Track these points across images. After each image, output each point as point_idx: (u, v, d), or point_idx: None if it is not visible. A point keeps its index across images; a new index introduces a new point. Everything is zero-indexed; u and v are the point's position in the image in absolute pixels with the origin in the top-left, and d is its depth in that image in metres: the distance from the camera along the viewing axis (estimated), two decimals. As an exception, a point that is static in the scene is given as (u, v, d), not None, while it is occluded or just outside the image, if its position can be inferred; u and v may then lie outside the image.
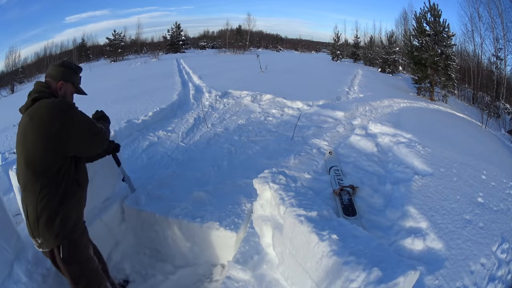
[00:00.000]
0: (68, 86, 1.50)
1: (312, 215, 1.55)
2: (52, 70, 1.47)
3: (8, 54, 26.18)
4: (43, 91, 1.40)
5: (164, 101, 5.49)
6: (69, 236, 1.41)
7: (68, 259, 1.41)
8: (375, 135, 4.08)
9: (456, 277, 1.81)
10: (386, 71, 16.67)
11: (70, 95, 1.53)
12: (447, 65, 10.32)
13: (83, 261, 1.48)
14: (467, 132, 6.00)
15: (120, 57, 26.24)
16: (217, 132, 4.19)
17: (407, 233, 2.11)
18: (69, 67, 1.51)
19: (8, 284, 1.64)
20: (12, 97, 16.19)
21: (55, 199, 1.36)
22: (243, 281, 1.70)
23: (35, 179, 1.34)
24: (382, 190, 2.74)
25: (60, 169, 1.37)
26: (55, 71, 1.47)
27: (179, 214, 2.26)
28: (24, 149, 1.34)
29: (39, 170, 1.33)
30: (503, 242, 2.22)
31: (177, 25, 29.99)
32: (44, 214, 1.34)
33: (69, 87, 1.51)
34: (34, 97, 1.37)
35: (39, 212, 1.34)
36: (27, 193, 1.36)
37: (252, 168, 3.05)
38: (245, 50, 26.83)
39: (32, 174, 1.34)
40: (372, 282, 1.17)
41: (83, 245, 1.49)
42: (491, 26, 14.11)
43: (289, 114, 5.12)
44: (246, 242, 1.97)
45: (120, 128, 3.90)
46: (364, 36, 26.50)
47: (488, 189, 3.01)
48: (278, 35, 51.62)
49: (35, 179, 1.34)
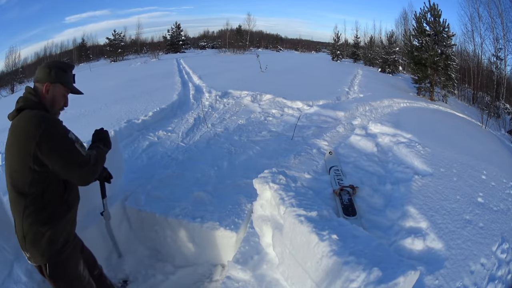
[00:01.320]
0: (57, 87, 1.34)
1: (312, 215, 1.55)
2: (38, 73, 1.34)
3: (8, 54, 26.20)
4: (29, 100, 1.28)
5: (164, 101, 5.48)
6: (57, 256, 1.32)
7: (55, 276, 1.34)
8: (375, 135, 4.08)
9: (456, 277, 1.81)
10: (386, 71, 16.67)
11: (61, 98, 1.37)
12: (447, 65, 10.33)
13: (72, 279, 1.40)
14: (467, 132, 6.00)
15: (120, 57, 26.26)
16: (217, 132, 4.19)
17: (407, 233, 2.11)
18: (55, 66, 1.36)
19: (8, 284, 1.64)
20: (12, 97, 16.18)
21: (40, 220, 1.25)
22: (243, 281, 1.70)
23: (18, 197, 1.24)
24: (382, 190, 2.74)
25: (45, 191, 1.24)
26: (41, 73, 1.33)
27: (179, 214, 2.26)
28: (7, 162, 1.25)
29: (21, 189, 1.22)
30: (503, 242, 2.22)
31: (177, 25, 30.03)
32: (30, 234, 1.26)
33: (58, 88, 1.35)
34: (18, 107, 1.26)
35: (25, 231, 1.25)
36: (13, 208, 1.27)
37: (252, 168, 3.05)
38: (245, 50, 26.84)
39: (15, 192, 1.24)
40: (372, 282, 1.17)
41: (73, 262, 1.40)
42: (491, 26, 14.13)
43: (289, 114, 5.12)
44: (246, 242, 1.97)
45: (120, 128, 3.90)
46: (364, 36, 26.57)
47: (488, 189, 3.01)
48: (278, 35, 51.73)
49: (18, 197, 1.24)
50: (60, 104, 1.37)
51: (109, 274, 2.07)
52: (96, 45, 34.39)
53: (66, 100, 1.41)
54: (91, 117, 5.04)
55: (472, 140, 5.31)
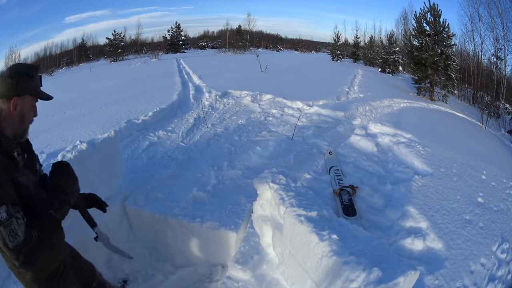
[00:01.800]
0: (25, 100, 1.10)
1: (312, 215, 1.55)
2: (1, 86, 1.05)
3: (8, 54, 26.31)
4: None
5: (164, 101, 5.48)
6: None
7: None
8: (375, 135, 4.08)
9: (456, 277, 1.81)
10: (386, 71, 16.66)
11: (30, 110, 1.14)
12: (447, 65, 10.33)
13: None
14: (467, 132, 6.01)
15: (120, 57, 26.25)
16: (217, 132, 4.19)
17: (407, 233, 2.11)
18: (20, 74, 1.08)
19: (8, 285, 1.64)
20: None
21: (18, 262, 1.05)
22: (243, 281, 1.70)
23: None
24: (382, 190, 2.74)
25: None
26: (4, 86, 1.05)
27: (179, 214, 2.26)
28: None
29: None
30: (503, 242, 2.22)
31: (177, 25, 30.02)
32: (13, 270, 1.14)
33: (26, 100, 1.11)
34: None
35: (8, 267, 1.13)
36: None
37: (252, 168, 3.05)
38: (245, 50, 26.82)
39: None
40: (372, 282, 1.17)
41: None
42: (491, 26, 14.14)
43: (289, 114, 5.12)
44: (246, 242, 1.97)
45: (120, 128, 3.90)
46: (364, 36, 26.51)
47: (488, 189, 3.01)
48: (278, 35, 51.66)
49: None
50: (30, 117, 1.15)
51: (109, 275, 2.08)
52: (96, 45, 34.39)
53: (35, 110, 1.17)
54: (91, 117, 5.05)
55: (472, 140, 5.32)
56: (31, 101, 1.13)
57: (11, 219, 0.98)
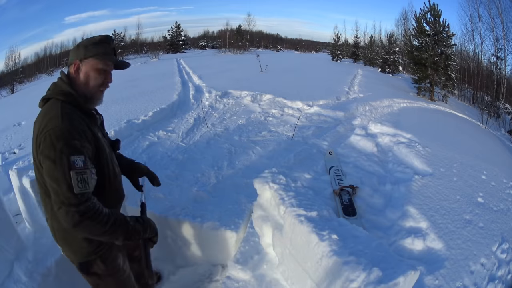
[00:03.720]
0: (89, 64, 1.13)
1: (312, 215, 1.55)
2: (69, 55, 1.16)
3: (8, 54, 26.25)
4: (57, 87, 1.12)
5: (164, 101, 5.48)
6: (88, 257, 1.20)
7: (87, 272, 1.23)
8: (375, 135, 4.08)
9: (456, 277, 1.80)
10: (386, 71, 16.67)
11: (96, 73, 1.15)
12: (447, 65, 10.34)
13: (106, 275, 1.26)
14: (467, 132, 6.01)
15: (120, 57, 26.15)
16: (217, 132, 4.19)
17: (407, 233, 2.11)
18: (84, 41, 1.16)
19: (8, 284, 1.64)
20: (12, 97, 16.20)
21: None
22: (243, 281, 1.70)
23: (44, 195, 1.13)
24: (382, 190, 2.74)
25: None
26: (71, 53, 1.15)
27: (179, 214, 2.26)
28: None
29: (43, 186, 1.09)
30: (503, 242, 2.22)
31: (177, 25, 30.03)
32: (58, 233, 1.17)
33: (91, 65, 1.13)
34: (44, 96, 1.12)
35: (55, 229, 1.17)
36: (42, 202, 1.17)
37: (252, 168, 3.05)
38: (245, 50, 26.83)
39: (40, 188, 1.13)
40: (372, 282, 1.17)
41: (109, 260, 1.26)
42: (491, 26, 14.15)
43: (289, 114, 5.12)
44: (246, 242, 1.96)
45: (120, 128, 3.90)
46: (364, 36, 26.55)
47: (488, 189, 3.01)
48: (278, 35, 51.79)
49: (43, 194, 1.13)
50: (97, 80, 1.15)
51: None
52: (96, 45, 34.32)
53: (107, 75, 1.18)
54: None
55: (472, 140, 5.32)
56: (96, 64, 1.14)
57: (86, 170, 1.02)
